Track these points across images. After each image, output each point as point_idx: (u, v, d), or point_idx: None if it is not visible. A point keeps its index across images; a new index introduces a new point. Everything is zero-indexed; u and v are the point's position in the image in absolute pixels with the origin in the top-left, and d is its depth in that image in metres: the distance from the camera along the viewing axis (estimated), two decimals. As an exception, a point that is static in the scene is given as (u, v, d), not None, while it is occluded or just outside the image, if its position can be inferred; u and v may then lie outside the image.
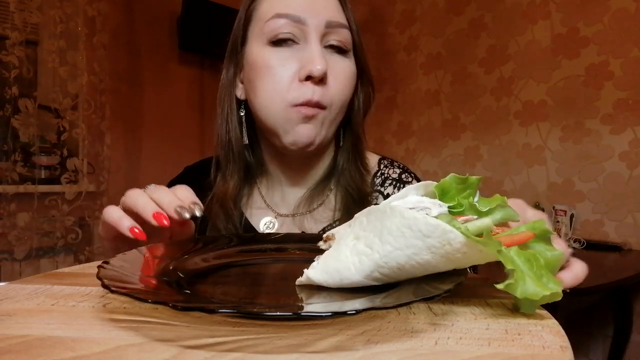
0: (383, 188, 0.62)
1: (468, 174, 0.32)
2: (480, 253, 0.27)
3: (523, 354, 0.22)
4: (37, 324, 0.25)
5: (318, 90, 0.53)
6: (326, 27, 0.54)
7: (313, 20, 0.53)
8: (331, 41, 0.54)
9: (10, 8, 1.98)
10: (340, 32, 0.55)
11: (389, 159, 0.67)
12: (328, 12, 0.54)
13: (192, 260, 0.39)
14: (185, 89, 2.88)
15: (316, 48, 0.53)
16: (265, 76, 0.54)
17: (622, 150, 1.82)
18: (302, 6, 0.53)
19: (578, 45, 1.95)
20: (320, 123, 0.54)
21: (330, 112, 0.55)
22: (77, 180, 2.22)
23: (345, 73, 0.56)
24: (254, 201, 0.64)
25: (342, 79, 0.55)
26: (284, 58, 0.53)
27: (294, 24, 0.53)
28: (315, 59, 0.51)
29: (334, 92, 0.54)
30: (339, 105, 0.55)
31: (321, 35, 0.54)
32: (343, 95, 0.56)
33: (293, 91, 0.53)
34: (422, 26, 2.64)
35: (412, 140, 2.70)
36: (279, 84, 0.53)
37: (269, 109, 0.54)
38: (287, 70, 0.53)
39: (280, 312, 0.24)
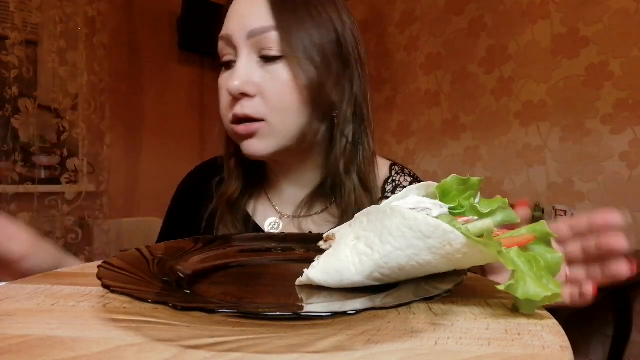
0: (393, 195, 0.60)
1: (469, 175, 0.32)
2: (480, 254, 0.27)
3: (523, 354, 0.22)
4: (37, 324, 0.25)
5: (245, 106, 0.52)
6: (249, 38, 0.52)
7: (237, 34, 0.52)
8: (264, 51, 0.52)
9: (10, 8, 1.98)
10: (268, 38, 0.51)
11: (400, 166, 0.66)
12: (249, 20, 0.52)
13: (192, 260, 0.39)
14: (185, 89, 2.88)
15: (239, 63, 0.52)
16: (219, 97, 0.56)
17: (622, 150, 1.82)
18: (229, 22, 0.53)
19: (578, 45, 1.95)
20: (265, 136, 0.53)
21: (271, 123, 0.52)
22: (77, 180, 2.23)
23: (278, 80, 0.52)
24: (260, 202, 0.65)
25: (273, 87, 0.52)
26: (225, 79, 0.55)
27: (227, 44, 0.54)
28: (232, 76, 0.52)
29: (267, 102, 0.52)
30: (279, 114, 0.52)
31: (249, 48, 0.52)
32: (279, 103, 0.52)
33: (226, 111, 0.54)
34: (422, 26, 2.64)
35: (412, 140, 2.70)
36: (222, 104, 0.55)
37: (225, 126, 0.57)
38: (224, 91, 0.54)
39: (280, 312, 0.24)
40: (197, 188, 0.67)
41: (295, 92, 0.52)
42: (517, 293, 0.26)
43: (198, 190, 0.67)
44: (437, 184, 0.32)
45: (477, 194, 0.32)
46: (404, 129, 2.74)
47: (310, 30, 0.52)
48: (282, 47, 0.51)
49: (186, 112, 2.88)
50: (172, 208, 0.70)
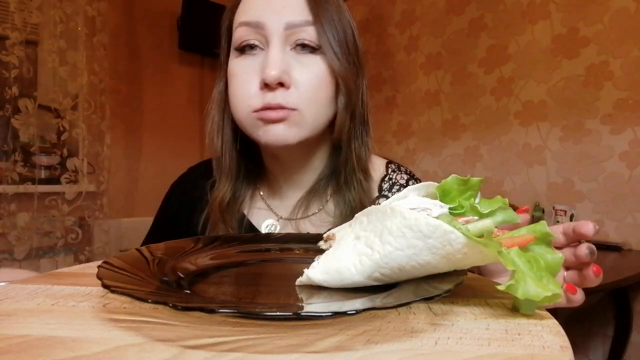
0: (390, 193, 0.62)
1: (469, 175, 0.32)
2: (480, 254, 0.27)
3: (523, 354, 0.22)
4: (37, 324, 0.25)
5: (278, 96, 0.51)
6: (286, 29, 0.52)
7: (271, 23, 0.52)
8: (297, 41, 0.52)
9: (10, 8, 1.98)
10: (305, 31, 0.52)
11: (396, 164, 0.66)
12: (288, 12, 0.52)
13: (192, 260, 0.39)
14: (185, 89, 2.88)
15: (274, 52, 0.51)
16: (232, 85, 0.55)
17: (622, 150, 1.82)
18: (260, 11, 0.53)
19: (578, 45, 1.95)
20: (293, 124, 0.53)
21: (303, 113, 0.53)
22: (77, 180, 2.23)
23: (313, 72, 0.53)
24: (256, 203, 0.64)
25: (308, 78, 0.52)
26: (248, 66, 0.53)
27: (254, 30, 0.53)
28: (269, 64, 0.51)
29: (301, 93, 0.52)
30: (311, 105, 0.53)
31: (283, 38, 0.52)
32: (313, 94, 0.53)
33: (254, 99, 0.52)
34: (422, 26, 2.64)
35: (412, 140, 2.70)
36: (241, 91, 0.53)
37: (237, 117, 0.55)
38: (249, 77, 0.53)
39: (280, 312, 0.24)
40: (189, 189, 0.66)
41: (328, 85, 0.54)
42: (517, 293, 0.26)
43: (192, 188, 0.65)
44: (438, 184, 0.32)
45: (478, 194, 0.32)
46: (404, 129, 2.74)
47: (338, 27, 0.54)
48: (319, 41, 0.53)
49: (186, 112, 2.88)
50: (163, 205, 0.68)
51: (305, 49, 0.53)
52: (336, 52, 0.53)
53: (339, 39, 0.54)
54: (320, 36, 0.53)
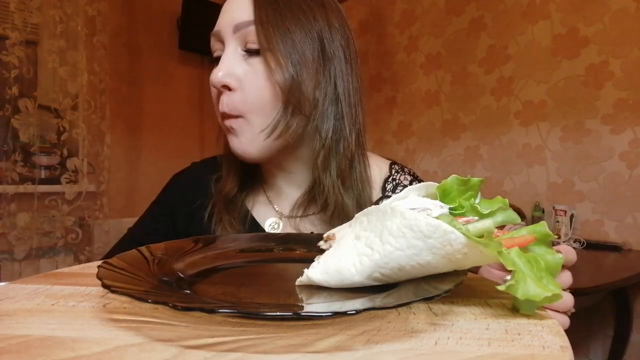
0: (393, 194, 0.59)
1: (469, 175, 0.32)
2: (480, 254, 0.27)
3: (523, 354, 0.22)
4: (37, 324, 0.25)
5: (224, 102, 0.53)
6: (234, 32, 0.52)
7: (224, 28, 0.53)
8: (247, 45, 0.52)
9: (10, 8, 1.98)
10: (249, 31, 0.51)
11: (399, 165, 0.66)
12: (234, 15, 0.52)
13: (192, 260, 0.39)
14: (185, 89, 2.88)
15: (223, 55, 0.53)
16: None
17: (622, 150, 1.82)
18: (220, 19, 0.55)
19: (578, 45, 1.95)
20: (244, 133, 0.53)
21: (251, 119, 0.52)
22: (77, 180, 2.23)
23: (255, 74, 0.52)
24: (260, 200, 0.65)
25: (252, 80, 0.52)
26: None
27: (217, 40, 0.55)
28: (216, 67, 0.52)
29: (245, 97, 0.52)
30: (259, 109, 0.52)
31: (235, 41, 0.53)
32: (257, 98, 0.52)
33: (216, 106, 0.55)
34: (422, 26, 2.64)
35: (412, 140, 2.70)
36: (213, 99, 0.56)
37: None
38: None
39: (280, 312, 0.24)
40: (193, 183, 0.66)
41: (272, 87, 0.52)
42: (517, 293, 0.26)
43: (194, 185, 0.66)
44: (438, 184, 0.32)
45: (478, 195, 0.32)
46: (404, 129, 2.74)
47: (290, 26, 0.52)
48: (260, 40, 0.51)
49: (186, 112, 2.88)
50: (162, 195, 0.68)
51: (252, 50, 0.52)
52: (281, 49, 0.51)
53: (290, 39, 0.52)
54: (262, 36, 0.51)
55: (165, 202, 0.67)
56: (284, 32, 0.51)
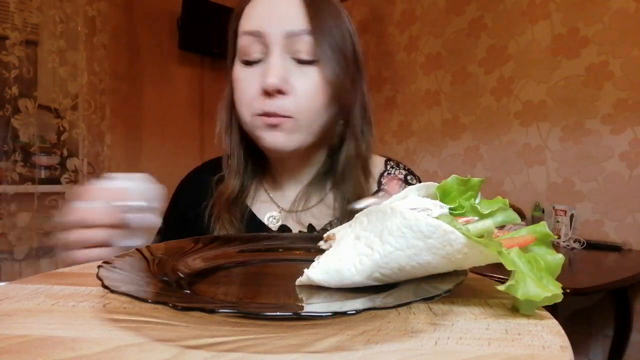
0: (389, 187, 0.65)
1: (469, 175, 0.32)
2: (480, 254, 0.27)
3: (523, 354, 0.22)
4: (37, 324, 0.25)
5: (276, 103, 0.54)
6: (286, 38, 0.54)
7: (272, 32, 0.54)
8: (298, 53, 0.54)
9: (10, 8, 1.98)
10: (304, 41, 0.54)
11: (394, 161, 0.70)
12: (288, 22, 0.54)
13: (192, 260, 0.39)
14: (185, 89, 2.88)
15: (274, 61, 0.54)
16: (236, 91, 0.58)
17: (622, 150, 1.82)
18: (262, 20, 0.55)
19: (578, 45, 1.95)
20: (289, 131, 0.55)
21: (299, 120, 0.55)
22: (77, 180, 2.23)
23: (310, 83, 0.55)
24: (260, 196, 0.67)
25: (307, 87, 0.55)
26: (250, 73, 0.56)
27: (256, 39, 0.55)
28: (269, 72, 0.53)
29: (299, 102, 0.54)
30: (308, 114, 0.56)
31: (283, 47, 0.54)
32: (310, 104, 0.55)
33: (255, 103, 0.55)
34: (422, 26, 2.64)
35: (412, 140, 2.70)
36: (245, 97, 0.56)
37: (242, 119, 0.59)
38: (251, 84, 0.55)
39: (280, 312, 0.24)
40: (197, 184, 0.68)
41: (323, 93, 0.56)
42: (517, 293, 0.26)
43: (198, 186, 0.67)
44: (438, 185, 0.32)
45: (478, 195, 0.32)
46: (404, 129, 2.74)
47: (335, 35, 0.56)
48: (316, 50, 0.54)
49: (186, 112, 2.88)
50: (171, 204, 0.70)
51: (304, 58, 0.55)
52: (332, 60, 0.55)
53: (336, 47, 0.56)
54: (318, 45, 0.54)
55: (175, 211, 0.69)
56: (331, 42, 0.55)
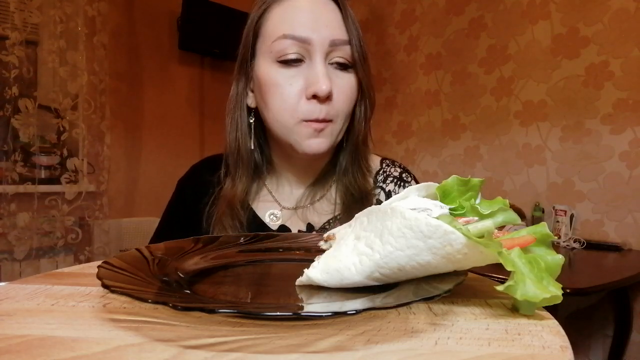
0: (385, 185, 0.67)
1: (470, 176, 0.32)
2: (481, 254, 0.27)
3: (523, 354, 0.22)
4: (37, 324, 0.25)
5: (324, 108, 0.56)
6: (330, 46, 0.56)
7: (318, 39, 0.56)
8: (335, 59, 0.57)
9: (10, 8, 1.98)
10: (343, 49, 0.57)
11: (390, 160, 0.71)
12: (331, 31, 0.56)
13: (192, 260, 0.39)
14: (185, 89, 2.88)
15: (321, 67, 0.56)
16: (274, 93, 0.58)
17: (622, 150, 1.82)
18: (306, 25, 0.56)
19: (578, 45, 1.95)
20: (329, 134, 0.59)
21: (337, 124, 0.59)
22: (77, 180, 2.23)
23: (349, 88, 0.59)
24: (262, 195, 0.68)
25: (345, 93, 0.58)
26: (291, 76, 0.57)
27: (299, 44, 0.56)
28: (321, 79, 0.55)
29: (338, 106, 0.58)
30: (343, 117, 0.59)
31: (325, 54, 0.56)
32: (347, 108, 0.59)
33: (301, 108, 0.57)
34: (422, 26, 2.64)
35: (412, 140, 2.70)
36: (287, 101, 0.57)
37: (280, 123, 0.59)
38: (294, 88, 0.57)
39: (280, 312, 0.24)
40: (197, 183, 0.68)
41: (354, 99, 0.60)
42: (516, 294, 0.26)
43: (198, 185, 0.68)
44: (438, 185, 0.32)
45: (478, 195, 0.32)
46: (404, 129, 2.74)
47: (363, 45, 0.59)
48: (352, 59, 0.58)
49: (186, 112, 2.88)
50: (172, 201, 0.70)
51: (341, 65, 0.58)
52: (365, 68, 0.60)
53: (365, 56, 0.60)
54: (354, 54, 0.58)
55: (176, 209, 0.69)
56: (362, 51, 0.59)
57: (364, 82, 0.60)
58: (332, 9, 0.58)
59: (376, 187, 0.67)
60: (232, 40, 0.67)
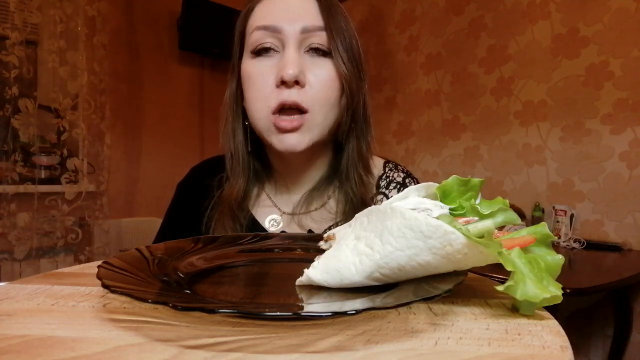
0: (388, 191, 0.65)
1: (470, 176, 0.32)
2: (481, 254, 0.27)
3: (523, 354, 0.22)
4: (37, 324, 0.25)
5: (294, 93, 0.54)
6: (302, 33, 0.56)
7: (288, 28, 0.55)
8: (311, 45, 0.56)
9: (10, 8, 1.98)
10: (318, 36, 0.56)
11: (393, 163, 0.69)
12: (303, 18, 0.56)
13: (192, 260, 0.39)
14: (185, 89, 2.88)
15: (290, 54, 0.55)
16: (250, 86, 0.57)
17: (622, 150, 1.82)
18: (278, 16, 0.56)
19: (578, 45, 1.95)
20: (306, 130, 0.56)
21: (314, 115, 0.56)
22: (77, 180, 2.23)
23: (326, 74, 0.56)
24: (262, 200, 0.67)
25: (322, 79, 0.56)
26: (264, 67, 0.56)
27: (271, 34, 0.56)
28: (287, 64, 0.54)
29: (314, 94, 0.56)
30: (322, 106, 0.56)
31: (298, 42, 0.56)
32: (325, 95, 0.56)
33: (271, 97, 0.55)
34: (422, 26, 2.64)
35: (412, 140, 2.70)
36: (260, 91, 0.56)
37: (255, 116, 0.58)
38: (266, 78, 0.56)
39: (280, 312, 0.24)
40: (197, 186, 0.68)
41: (336, 88, 0.57)
42: (516, 294, 0.26)
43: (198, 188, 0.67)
44: (438, 185, 0.32)
45: (478, 195, 0.32)
46: (404, 129, 2.74)
47: (345, 34, 0.58)
48: (329, 44, 0.56)
49: (186, 112, 2.88)
50: (172, 205, 0.70)
51: (318, 52, 0.57)
52: (343, 56, 0.57)
53: (346, 45, 0.57)
54: (331, 41, 0.56)
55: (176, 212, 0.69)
56: (343, 39, 0.57)
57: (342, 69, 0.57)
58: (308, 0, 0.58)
59: (379, 192, 0.65)
60: (232, 40, 0.67)
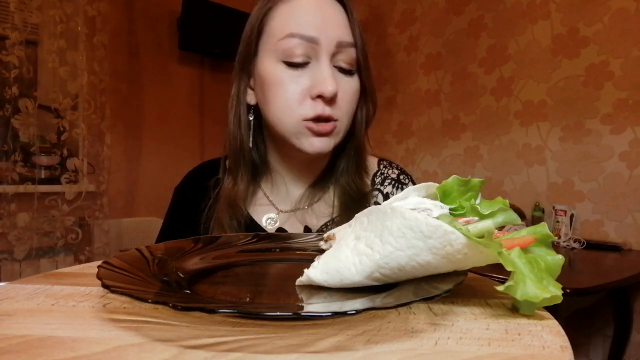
0: (382, 187, 0.67)
1: (470, 176, 0.32)
2: (481, 254, 0.27)
3: (523, 354, 0.22)
4: (37, 324, 0.25)
5: (328, 108, 0.56)
6: (336, 47, 0.56)
7: (325, 39, 0.55)
8: (339, 62, 0.57)
9: (10, 8, 1.98)
10: (348, 52, 0.57)
11: (387, 160, 0.71)
12: (338, 32, 0.56)
13: (192, 260, 0.39)
14: (185, 89, 2.88)
15: (327, 68, 0.55)
16: (277, 92, 0.57)
17: (622, 150, 1.82)
18: (314, 25, 0.55)
19: (578, 45, 1.95)
20: (334, 135, 0.59)
21: (341, 125, 0.59)
22: (77, 180, 2.22)
23: (352, 91, 0.59)
24: (257, 199, 0.67)
25: (348, 96, 0.58)
26: (296, 75, 0.56)
27: (306, 43, 0.55)
28: (327, 80, 0.55)
29: (342, 106, 0.58)
30: (347, 119, 0.60)
31: (331, 55, 0.56)
32: (350, 110, 0.60)
33: (305, 107, 0.56)
34: (422, 26, 2.64)
35: (412, 140, 2.70)
36: (291, 99, 0.56)
37: (282, 121, 0.58)
38: (299, 86, 0.56)
39: (280, 312, 0.24)
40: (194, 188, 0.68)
41: (357, 99, 0.61)
42: (516, 294, 0.26)
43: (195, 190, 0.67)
44: (438, 185, 0.32)
45: (478, 195, 0.32)
46: (404, 129, 2.74)
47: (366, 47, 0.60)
48: (358, 62, 0.59)
49: (186, 112, 2.88)
50: (171, 208, 0.70)
51: (345, 70, 0.58)
52: (367, 72, 0.61)
53: (367, 59, 0.60)
54: (358, 57, 0.59)
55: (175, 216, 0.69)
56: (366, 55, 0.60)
57: (367, 85, 0.61)
58: (339, 10, 0.58)
59: (374, 189, 0.66)
60: (232, 40, 0.67)
